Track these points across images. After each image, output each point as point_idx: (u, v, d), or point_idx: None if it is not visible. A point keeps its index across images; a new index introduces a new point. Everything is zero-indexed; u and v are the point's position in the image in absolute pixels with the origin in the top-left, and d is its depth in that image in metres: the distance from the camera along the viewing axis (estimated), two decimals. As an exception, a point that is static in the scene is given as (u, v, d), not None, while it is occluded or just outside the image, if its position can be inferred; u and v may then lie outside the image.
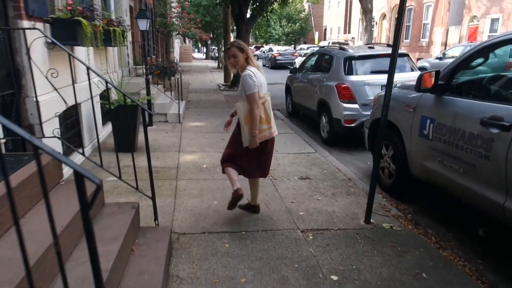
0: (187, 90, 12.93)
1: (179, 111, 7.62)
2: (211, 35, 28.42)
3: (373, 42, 24.40)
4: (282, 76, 20.46)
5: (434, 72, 3.49)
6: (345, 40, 29.96)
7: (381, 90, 5.94)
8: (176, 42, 30.45)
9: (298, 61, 21.34)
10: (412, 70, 6.35)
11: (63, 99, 3.56)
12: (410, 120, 3.82)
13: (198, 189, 4.25)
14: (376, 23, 29.08)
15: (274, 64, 25.25)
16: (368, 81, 6.01)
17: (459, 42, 19.73)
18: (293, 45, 39.73)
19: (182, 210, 3.72)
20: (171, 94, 7.72)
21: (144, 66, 6.94)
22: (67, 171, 4.11)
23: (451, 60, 3.98)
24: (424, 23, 23.07)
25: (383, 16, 28.42)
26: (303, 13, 42.39)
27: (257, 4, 12.08)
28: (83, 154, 3.20)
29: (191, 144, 6.14)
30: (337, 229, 3.44)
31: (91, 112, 5.41)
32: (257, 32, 39.49)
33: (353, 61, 6.23)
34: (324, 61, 7.20)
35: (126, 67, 7.95)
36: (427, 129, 3.53)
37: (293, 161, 5.46)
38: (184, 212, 3.68)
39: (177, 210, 3.73)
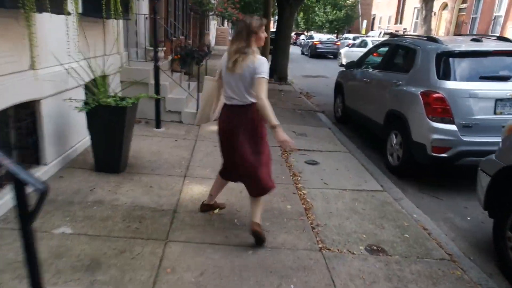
0: (216, 78, 11.18)
1: (197, 109, 5.87)
2: (250, 18, 26.40)
3: (432, 34, 21.61)
4: (326, 67, 18.24)
5: None
6: (395, 31, 27.03)
7: (496, 105, 3.91)
8: (213, 24, 28.74)
9: (344, 51, 18.99)
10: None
11: None
12: None
13: (198, 270, 2.46)
14: (435, 14, 25.92)
15: (314, 53, 23.46)
16: (475, 91, 3.96)
17: (539, 40, 16.68)
18: (335, 34, 36.93)
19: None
20: (189, 86, 5.99)
21: (154, 49, 5.22)
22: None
23: None
24: (495, 16, 19.95)
25: (444, 6, 25.25)
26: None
27: (306, -20, 10.02)
28: None
29: (205, 162, 4.37)
30: None
31: (64, 112, 3.76)
32: (298, 18, 36.88)
33: (451, 59, 4.17)
34: (400, 55, 5.17)
35: (135, 48, 6.27)
36: None
37: (353, 207, 3.57)
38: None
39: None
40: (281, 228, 3.06)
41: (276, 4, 12.12)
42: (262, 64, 2.55)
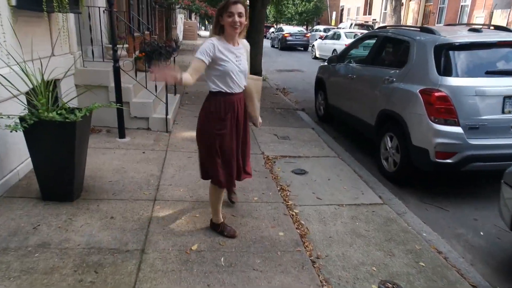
0: (186, 76, 10.41)
1: (166, 114, 5.18)
2: (218, 11, 25.58)
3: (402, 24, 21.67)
4: (299, 60, 17.76)
5: None
6: (364, 22, 26.99)
7: (504, 103, 3.51)
8: (180, 18, 27.64)
9: (318, 44, 18.64)
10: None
11: None
12: None
13: None
14: (402, 4, 26.07)
15: (284, 45, 23.30)
16: (482, 88, 3.53)
17: (506, 29, 16.98)
18: (305, 26, 36.67)
19: None
20: (156, 89, 5.25)
21: (113, 47, 4.48)
22: None
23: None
24: (462, 5, 20.19)
25: (411, -3, 25.42)
26: (319, -9, 39.11)
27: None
28: None
29: (178, 179, 3.73)
30: None
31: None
32: (271, 10, 36.11)
33: (451, 52, 3.73)
34: (390, 48, 4.71)
35: (93, 46, 5.47)
36: None
37: (354, 229, 3.07)
38: None
39: None
40: (275, 266, 2.50)
41: (247, -5, 11.47)
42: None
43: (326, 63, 6.56)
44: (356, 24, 22.40)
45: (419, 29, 4.34)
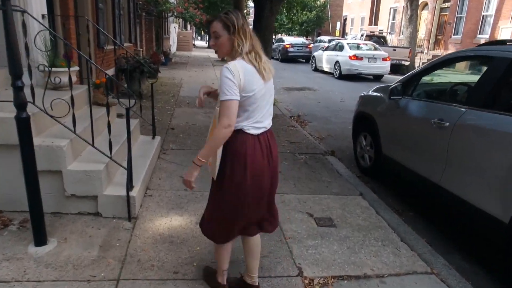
0: (175, 99, 8.28)
1: (128, 190, 3.00)
2: (215, 20, 23.61)
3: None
4: (307, 75, 15.51)
5: None
6: (370, 32, 25.11)
7: None
8: (173, 27, 25.65)
9: (318, 55, 16.81)
10: None
11: None
12: None
13: None
14: (414, 14, 24.22)
15: (285, 57, 21.77)
16: None
17: (539, 41, 15.05)
18: (305, 36, 34.81)
19: None
20: (110, 146, 3.02)
21: (12, 81, 2.32)
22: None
23: None
24: (484, 15, 18.30)
25: (423, 6, 23.59)
26: (320, 0, 37.40)
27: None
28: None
29: None
30: None
31: None
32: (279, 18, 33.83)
33: None
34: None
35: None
36: None
37: None
38: None
39: None
40: None
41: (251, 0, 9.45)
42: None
43: (375, 93, 4.45)
44: (367, 35, 20.44)
45: None
